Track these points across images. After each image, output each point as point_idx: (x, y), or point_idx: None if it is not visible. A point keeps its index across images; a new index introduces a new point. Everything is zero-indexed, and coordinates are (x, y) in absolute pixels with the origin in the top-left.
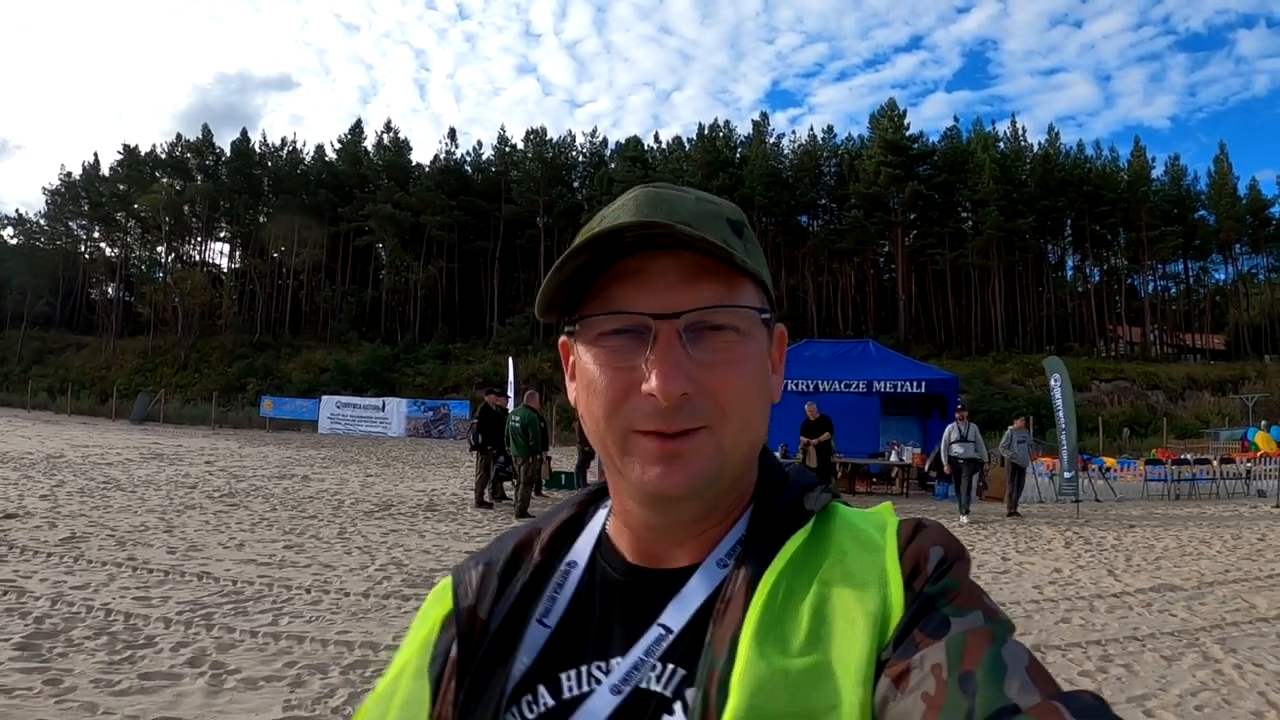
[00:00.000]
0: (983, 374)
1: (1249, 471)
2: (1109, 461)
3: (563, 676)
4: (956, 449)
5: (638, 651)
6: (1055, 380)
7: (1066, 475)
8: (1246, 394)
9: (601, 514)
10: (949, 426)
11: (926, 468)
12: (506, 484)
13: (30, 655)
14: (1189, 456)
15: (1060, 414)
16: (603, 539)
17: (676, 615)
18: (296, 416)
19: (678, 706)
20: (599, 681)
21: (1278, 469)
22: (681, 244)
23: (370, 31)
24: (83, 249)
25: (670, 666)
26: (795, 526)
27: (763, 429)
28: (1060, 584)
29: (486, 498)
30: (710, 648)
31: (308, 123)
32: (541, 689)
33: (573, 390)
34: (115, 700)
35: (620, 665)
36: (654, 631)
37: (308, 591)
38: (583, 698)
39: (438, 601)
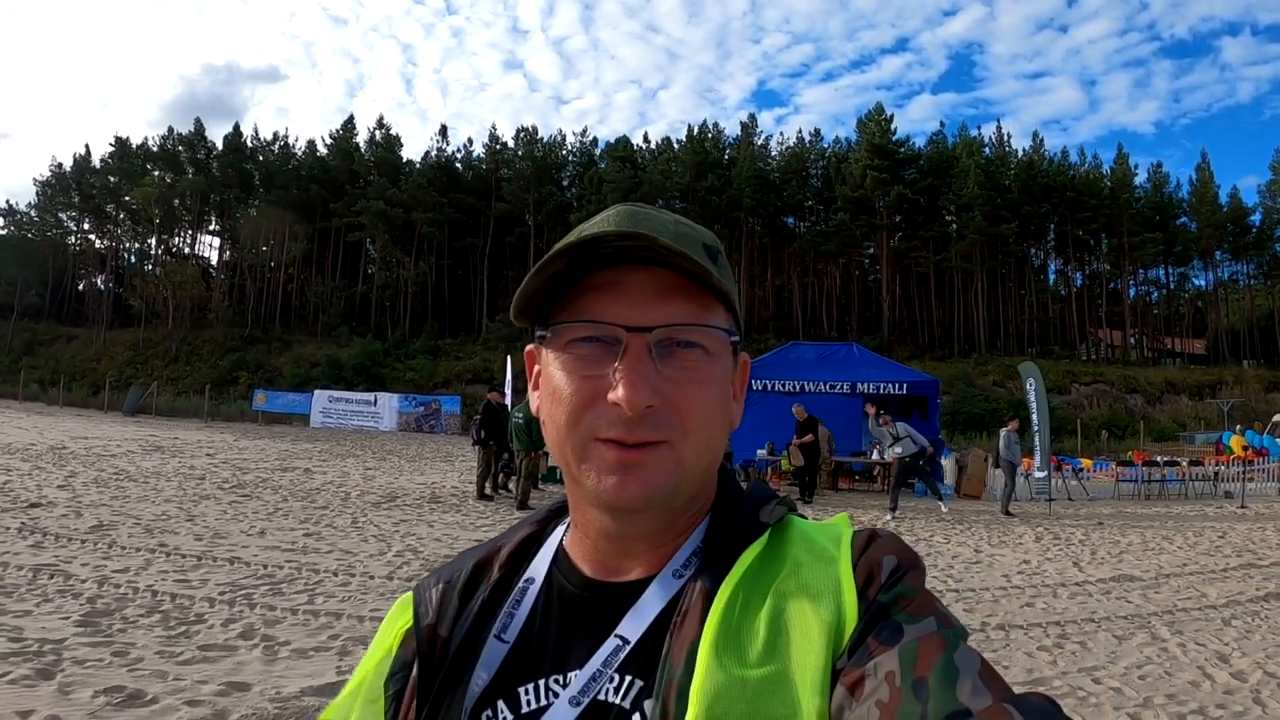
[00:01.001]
0: (964, 376)
1: (1217, 474)
2: (1085, 463)
3: (521, 691)
4: (897, 450)
5: (595, 663)
6: (1030, 384)
7: (1038, 475)
8: (1223, 399)
9: (559, 530)
10: (881, 429)
11: None
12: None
13: (92, 631)
14: (1160, 459)
15: (1035, 416)
16: (560, 554)
17: (633, 626)
18: (289, 410)
19: (636, 717)
20: (557, 695)
21: (1243, 471)
22: (657, 260)
23: (357, 25)
24: (72, 240)
25: (628, 678)
26: (751, 538)
27: (722, 448)
28: (1028, 573)
29: (487, 490)
30: (668, 658)
31: (294, 115)
32: (501, 704)
33: (535, 399)
34: (182, 668)
35: (578, 678)
36: (611, 643)
37: (335, 575)
38: (541, 711)
39: (399, 615)
